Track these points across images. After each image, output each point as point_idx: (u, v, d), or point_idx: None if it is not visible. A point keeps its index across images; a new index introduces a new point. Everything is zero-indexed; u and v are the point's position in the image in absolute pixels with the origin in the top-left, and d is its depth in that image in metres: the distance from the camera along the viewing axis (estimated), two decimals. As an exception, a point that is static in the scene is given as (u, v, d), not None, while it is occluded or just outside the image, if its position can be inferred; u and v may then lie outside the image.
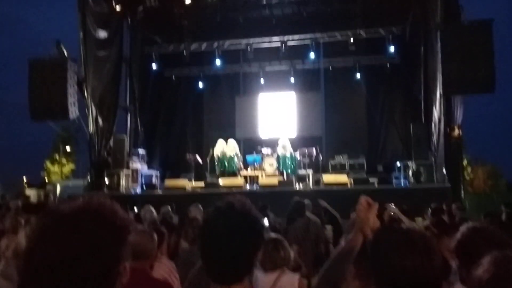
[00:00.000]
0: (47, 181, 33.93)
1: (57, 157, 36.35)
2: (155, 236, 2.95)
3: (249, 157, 14.88)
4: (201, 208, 6.75)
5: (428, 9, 13.49)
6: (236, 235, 1.42)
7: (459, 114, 13.29)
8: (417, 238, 1.37)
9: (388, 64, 17.32)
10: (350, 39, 16.26)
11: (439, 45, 11.85)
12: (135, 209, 8.26)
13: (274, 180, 13.36)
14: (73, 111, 13.59)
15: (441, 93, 12.10)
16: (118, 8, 14.89)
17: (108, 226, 1.09)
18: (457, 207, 8.45)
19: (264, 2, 16.33)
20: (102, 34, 14.96)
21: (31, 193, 23.48)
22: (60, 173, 35.42)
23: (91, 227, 1.06)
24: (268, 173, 14.45)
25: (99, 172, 14.34)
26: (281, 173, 14.12)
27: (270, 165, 14.56)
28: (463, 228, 2.12)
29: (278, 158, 14.30)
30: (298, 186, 13.47)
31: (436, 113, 12.90)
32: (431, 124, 13.32)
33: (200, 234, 1.52)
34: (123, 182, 13.91)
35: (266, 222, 5.55)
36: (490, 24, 11.81)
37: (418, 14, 14.98)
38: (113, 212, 1.13)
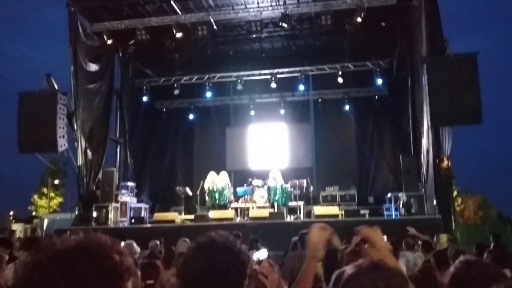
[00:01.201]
0: (34, 215, 33.36)
1: (45, 190, 35.83)
2: (139, 273, 2.85)
3: (240, 191, 14.75)
4: (189, 243, 6.62)
5: (414, 43, 13.81)
6: (216, 272, 1.37)
7: (447, 146, 13.40)
8: (384, 278, 1.27)
9: (376, 96, 17.62)
10: (338, 72, 16.54)
11: (425, 77, 12.06)
12: (122, 243, 8.09)
13: (265, 212, 13.26)
14: (62, 144, 13.50)
15: (429, 124, 12.23)
16: (109, 41, 15.03)
17: (106, 270, 0.98)
18: (448, 239, 8.43)
19: (254, 36, 16.61)
20: (93, 67, 15.05)
21: (17, 228, 23.01)
22: (47, 207, 34.86)
23: (86, 270, 0.96)
24: (258, 205, 14.34)
25: (87, 205, 14.12)
26: (272, 205, 14.02)
27: (261, 197, 14.47)
28: (456, 261, 2.08)
29: (268, 190, 14.23)
30: (289, 218, 13.37)
31: (424, 144, 13.01)
32: (420, 156, 13.40)
33: (180, 271, 1.46)
34: (111, 215, 13.69)
35: (264, 254, 5.41)
36: (475, 57, 12.09)
37: (405, 47, 15.33)
38: (112, 254, 1.01)
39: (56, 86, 13.87)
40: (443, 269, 3.15)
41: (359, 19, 13.76)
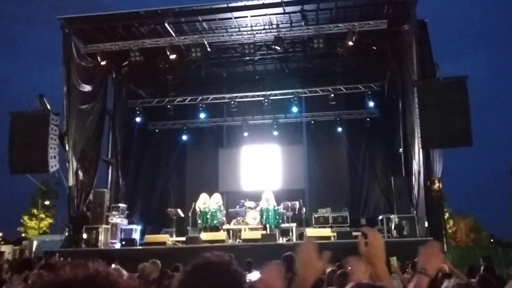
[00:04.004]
0: (23, 237, 32.87)
1: (35, 211, 35.38)
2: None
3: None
4: (159, 264, 6.53)
5: (405, 66, 14.02)
6: None
7: (439, 168, 13.50)
8: None
9: (368, 118, 17.77)
10: (331, 94, 16.69)
11: (416, 100, 12.21)
12: (113, 266, 7.99)
13: (257, 234, 13.18)
14: (53, 164, 13.41)
15: (420, 146, 12.33)
16: (103, 63, 15.10)
17: None
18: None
19: (248, 58, 16.78)
20: (86, 88, 15.07)
21: (6, 250, 22.63)
22: (37, 228, 34.38)
23: None
24: (251, 226, 14.26)
25: (77, 227, 13.96)
26: (264, 227, 13.94)
27: (253, 218, 14.39)
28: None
29: (261, 212, 14.17)
30: (281, 240, 13.29)
31: (415, 166, 13.08)
32: (412, 178, 13.46)
33: None
34: (101, 237, 13.53)
35: (257, 276, 5.37)
36: (464, 80, 12.29)
37: (396, 70, 15.56)
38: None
39: (48, 107, 13.86)
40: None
41: (351, 43, 13.97)
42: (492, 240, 40.63)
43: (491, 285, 3.87)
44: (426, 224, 12.28)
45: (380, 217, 14.55)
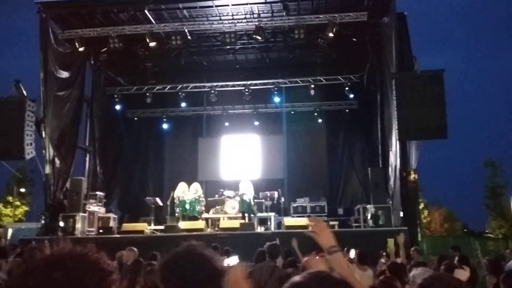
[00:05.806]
0: (-2, 224, 32.32)
1: (10, 199, 34.78)
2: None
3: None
4: (137, 251, 6.57)
5: (384, 59, 14.17)
6: (195, 279, 1.42)
7: (414, 159, 13.77)
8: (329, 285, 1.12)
9: (347, 109, 17.96)
10: (311, 85, 16.78)
11: (394, 92, 12.38)
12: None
13: (236, 223, 13.27)
14: (30, 151, 13.20)
15: (397, 138, 12.54)
16: (81, 49, 14.83)
17: (99, 278, 0.99)
18: (415, 250, 8.61)
19: (228, 47, 16.71)
20: (64, 74, 14.82)
21: (-21, 237, 22.23)
22: (12, 216, 33.83)
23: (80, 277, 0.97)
24: (229, 215, 14.34)
25: (54, 214, 13.81)
26: (243, 216, 14.04)
27: (232, 207, 14.47)
28: (423, 275, 2.18)
29: (240, 201, 14.26)
30: (259, 229, 13.41)
31: (392, 157, 13.31)
32: (388, 169, 13.70)
33: (161, 280, 1.50)
34: (78, 225, 13.43)
35: (235, 261, 5.49)
36: (441, 74, 12.50)
37: (375, 63, 15.72)
38: (103, 264, 1.03)
39: (25, 93, 13.58)
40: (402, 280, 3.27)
41: (331, 34, 14.06)
42: (465, 230, 41.65)
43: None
44: (402, 214, 12.54)
45: (357, 207, 14.79)
